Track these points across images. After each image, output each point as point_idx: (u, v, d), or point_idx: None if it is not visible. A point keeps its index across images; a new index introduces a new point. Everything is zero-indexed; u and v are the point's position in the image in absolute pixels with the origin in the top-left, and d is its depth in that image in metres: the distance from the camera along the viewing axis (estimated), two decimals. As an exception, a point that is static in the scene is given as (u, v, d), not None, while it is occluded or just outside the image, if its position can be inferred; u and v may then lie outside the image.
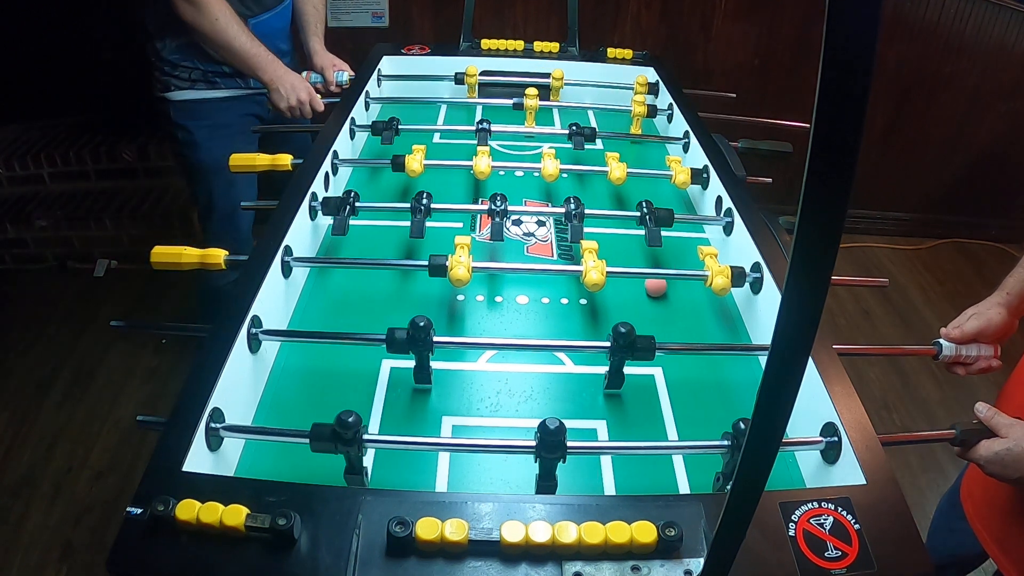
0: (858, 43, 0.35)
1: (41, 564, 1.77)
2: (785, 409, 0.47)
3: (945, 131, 3.05)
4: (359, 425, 0.77)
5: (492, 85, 1.88)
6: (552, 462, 0.78)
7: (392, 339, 0.94)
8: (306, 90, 1.72)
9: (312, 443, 0.78)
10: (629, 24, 2.74)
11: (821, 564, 0.68)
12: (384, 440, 0.85)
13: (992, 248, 3.28)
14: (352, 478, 0.80)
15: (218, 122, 1.78)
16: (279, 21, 1.82)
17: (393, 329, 0.94)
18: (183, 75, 1.73)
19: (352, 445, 0.77)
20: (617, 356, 0.96)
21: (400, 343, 0.94)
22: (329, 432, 0.77)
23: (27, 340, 2.45)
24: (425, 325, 0.93)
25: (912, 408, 2.36)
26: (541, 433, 0.77)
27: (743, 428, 0.80)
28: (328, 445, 0.78)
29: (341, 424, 0.76)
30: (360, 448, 0.78)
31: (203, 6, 1.56)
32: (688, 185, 1.43)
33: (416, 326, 0.93)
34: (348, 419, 0.76)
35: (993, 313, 0.99)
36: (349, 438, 0.77)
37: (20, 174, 2.78)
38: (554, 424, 0.77)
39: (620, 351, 0.95)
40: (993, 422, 0.86)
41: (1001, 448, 0.83)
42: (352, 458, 0.79)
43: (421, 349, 0.95)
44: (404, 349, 0.94)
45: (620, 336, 0.94)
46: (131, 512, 0.68)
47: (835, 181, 0.38)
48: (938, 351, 1.00)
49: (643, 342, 0.95)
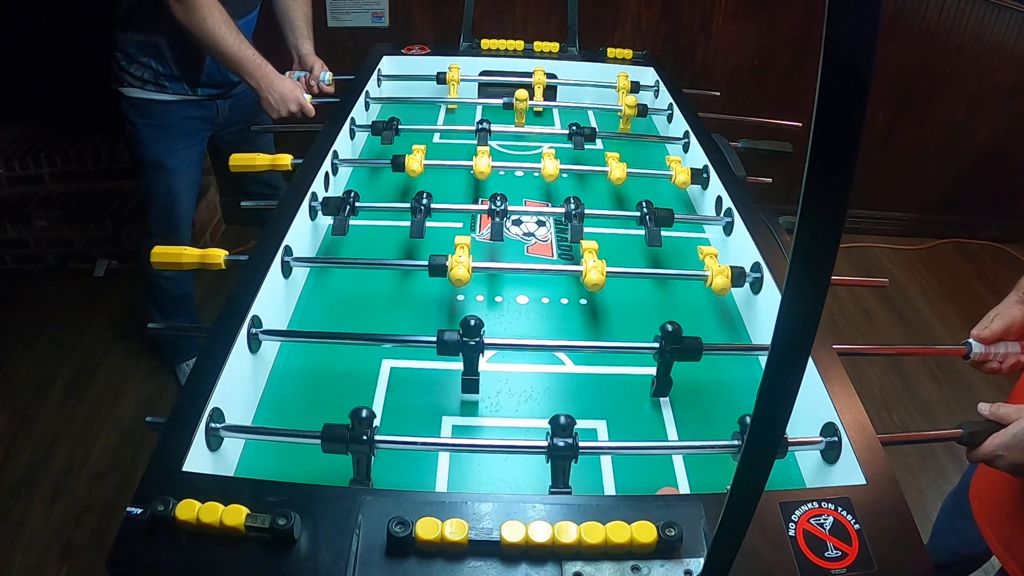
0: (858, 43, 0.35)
1: (41, 564, 1.77)
2: (785, 409, 0.47)
3: (945, 131, 3.05)
4: (373, 420, 0.76)
5: (492, 85, 1.88)
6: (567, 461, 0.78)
7: (442, 340, 0.91)
8: (295, 101, 1.73)
9: (324, 444, 0.77)
10: (629, 24, 2.74)
11: (821, 564, 0.68)
12: (384, 440, 0.85)
13: (992, 248, 3.28)
14: (359, 486, 0.79)
15: (163, 123, 1.83)
16: (244, 30, 1.83)
17: (443, 330, 0.92)
18: (136, 73, 1.76)
19: (365, 444, 0.76)
20: (666, 358, 0.91)
21: (451, 345, 0.90)
22: (342, 431, 0.76)
23: (27, 340, 2.45)
24: (476, 324, 0.87)
25: (912, 408, 2.36)
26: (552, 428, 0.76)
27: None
28: (340, 446, 0.77)
29: (356, 418, 0.75)
30: (372, 448, 0.77)
31: (193, 6, 1.56)
32: (688, 185, 1.43)
33: (468, 325, 0.87)
34: (362, 414, 0.75)
35: (1016, 311, 1.01)
36: (361, 435, 0.76)
37: (20, 174, 2.77)
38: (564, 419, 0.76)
39: (669, 353, 0.89)
40: (1000, 413, 0.85)
41: (1018, 429, 0.82)
42: (362, 462, 0.77)
43: (472, 351, 0.89)
44: (455, 351, 0.91)
45: (668, 336, 0.88)
46: (131, 512, 0.68)
47: (835, 181, 0.38)
48: (968, 350, 1.01)
49: (691, 342, 0.90)
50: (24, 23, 2.78)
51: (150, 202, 1.94)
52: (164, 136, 1.84)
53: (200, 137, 1.93)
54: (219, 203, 3.07)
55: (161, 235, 1.94)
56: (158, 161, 1.86)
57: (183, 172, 1.91)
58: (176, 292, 2.12)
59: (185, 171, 1.91)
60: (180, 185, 1.92)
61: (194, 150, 1.92)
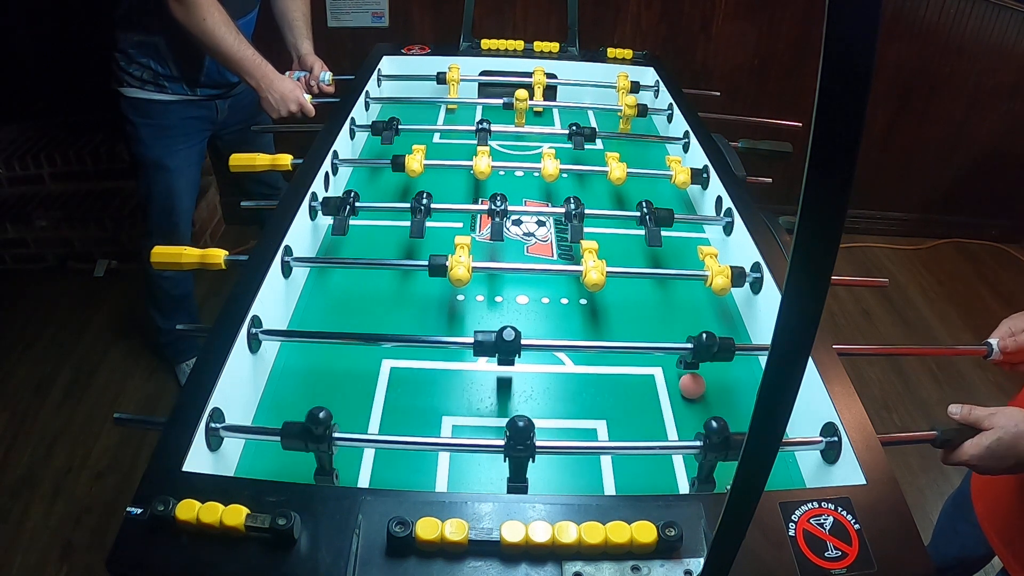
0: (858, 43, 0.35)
1: (41, 564, 1.77)
2: (785, 409, 0.47)
3: (945, 131, 3.05)
4: (330, 422, 0.76)
5: (492, 85, 1.88)
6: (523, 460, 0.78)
7: (479, 343, 0.92)
8: (296, 101, 1.73)
9: (283, 440, 0.78)
10: (629, 24, 2.74)
11: (821, 564, 0.68)
12: (384, 440, 0.85)
13: (992, 248, 3.28)
14: (322, 479, 0.79)
15: (162, 123, 1.84)
16: (243, 31, 1.83)
17: (479, 331, 0.93)
18: (136, 73, 1.76)
19: (323, 443, 0.77)
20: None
21: (487, 346, 0.92)
22: (298, 429, 0.77)
23: (27, 340, 2.45)
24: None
25: (912, 408, 2.36)
26: (510, 431, 0.77)
27: (715, 427, 0.77)
28: (299, 443, 0.77)
29: (312, 420, 0.76)
30: (331, 446, 0.77)
31: (192, 5, 1.56)
32: (688, 185, 1.43)
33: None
34: (319, 415, 0.76)
35: None
36: (320, 435, 0.76)
37: (20, 174, 2.77)
38: (522, 422, 0.77)
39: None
40: (972, 417, 0.85)
41: (990, 441, 0.82)
42: (323, 458, 0.78)
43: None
44: (491, 352, 0.93)
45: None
46: (131, 512, 0.68)
47: (835, 181, 0.38)
48: (989, 351, 1.01)
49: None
50: (24, 23, 2.78)
51: (149, 202, 1.95)
52: (163, 136, 1.85)
53: (199, 137, 1.94)
54: (219, 203, 3.07)
55: (161, 235, 1.95)
56: (157, 161, 1.87)
57: (182, 172, 1.91)
58: (176, 292, 2.12)
59: (184, 171, 1.92)
60: (179, 185, 1.93)
61: (193, 150, 1.93)
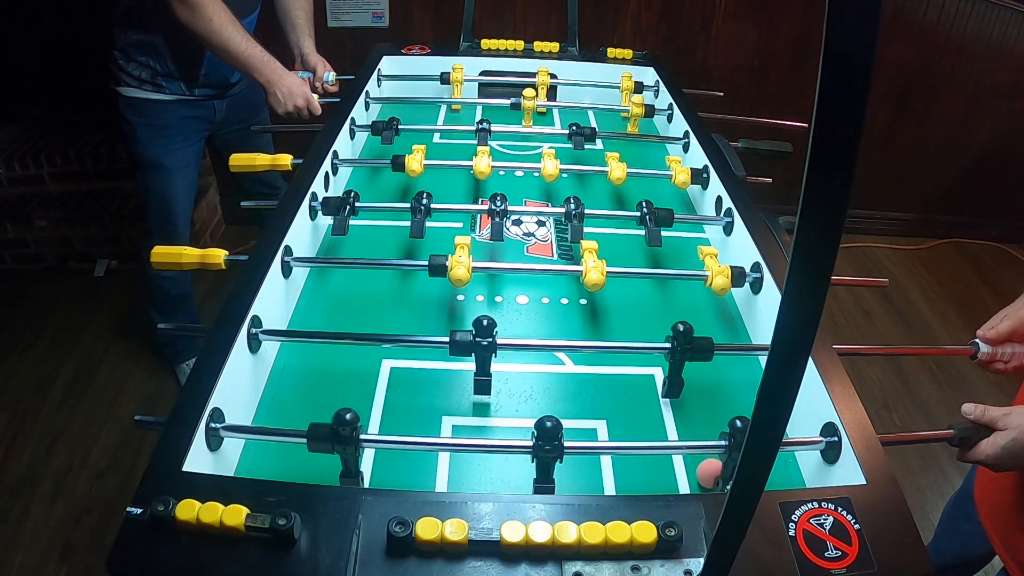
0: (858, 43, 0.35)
1: (41, 564, 1.77)
2: (785, 409, 0.47)
3: (945, 131, 3.05)
4: (357, 423, 0.77)
5: (492, 85, 1.88)
6: (551, 461, 0.78)
7: (454, 341, 0.92)
8: (303, 96, 1.73)
9: (309, 443, 0.78)
10: (629, 24, 2.74)
11: (821, 564, 0.68)
12: (384, 440, 0.85)
13: (992, 248, 3.28)
14: (348, 481, 0.80)
15: (159, 123, 1.84)
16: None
17: (455, 331, 0.93)
18: (134, 72, 1.76)
19: (350, 445, 0.77)
20: (677, 358, 0.91)
21: (464, 345, 0.92)
22: (327, 431, 0.77)
23: (27, 340, 2.45)
24: (489, 324, 0.89)
25: (912, 408, 2.36)
26: (538, 431, 0.77)
27: (740, 426, 0.80)
28: (326, 445, 0.77)
29: (339, 421, 0.76)
30: (357, 448, 0.78)
31: (198, 7, 1.56)
32: (688, 185, 1.43)
33: (480, 325, 0.89)
34: (346, 416, 0.76)
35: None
36: (347, 436, 0.76)
37: (20, 174, 2.77)
38: (551, 423, 0.76)
39: (680, 353, 0.90)
40: (987, 417, 0.86)
41: (1006, 441, 0.83)
42: (349, 460, 0.78)
43: (485, 351, 0.91)
44: (467, 351, 0.93)
45: (680, 336, 0.89)
46: (131, 512, 0.68)
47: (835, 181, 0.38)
48: (975, 351, 1.01)
49: (702, 342, 0.91)
50: (24, 23, 2.78)
51: (148, 202, 1.95)
52: (161, 136, 1.85)
53: (197, 137, 1.94)
54: (219, 203, 3.07)
55: (159, 235, 1.95)
56: (155, 161, 1.87)
57: (180, 172, 1.91)
58: (176, 292, 2.12)
59: (182, 171, 1.92)
60: (178, 185, 1.93)
61: (191, 150, 1.93)
